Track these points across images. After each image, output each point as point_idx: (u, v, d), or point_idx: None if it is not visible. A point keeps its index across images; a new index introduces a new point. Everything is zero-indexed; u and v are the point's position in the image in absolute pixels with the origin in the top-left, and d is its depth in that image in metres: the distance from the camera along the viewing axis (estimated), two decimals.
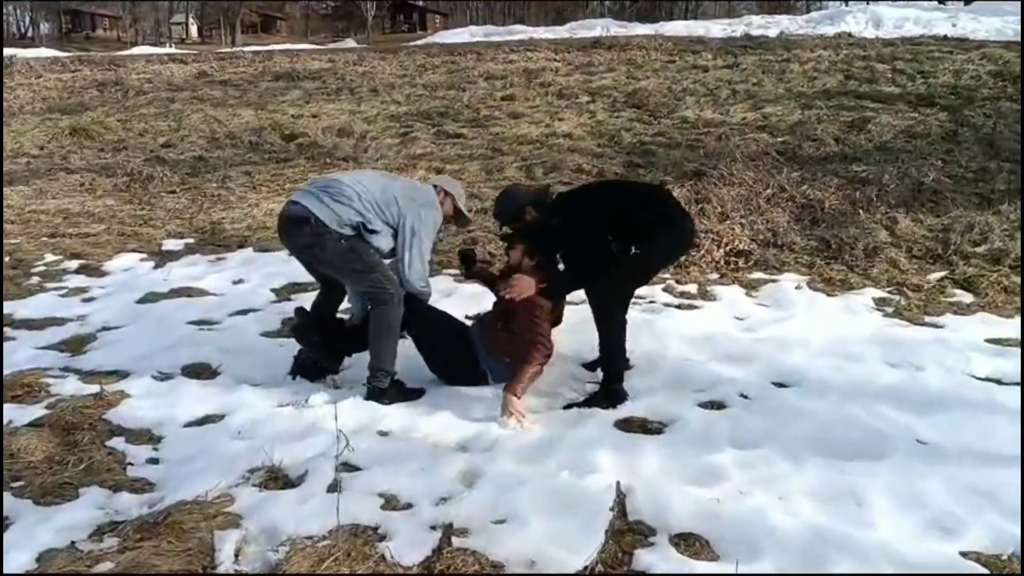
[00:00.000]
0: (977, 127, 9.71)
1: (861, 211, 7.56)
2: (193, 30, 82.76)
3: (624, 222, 4.45)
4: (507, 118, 11.66)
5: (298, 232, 4.42)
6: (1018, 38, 13.17)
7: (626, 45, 16.20)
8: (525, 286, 4.46)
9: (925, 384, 4.63)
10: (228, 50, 20.57)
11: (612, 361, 4.52)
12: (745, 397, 4.47)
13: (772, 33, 17.51)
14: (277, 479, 3.64)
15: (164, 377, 4.84)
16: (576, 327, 4.96)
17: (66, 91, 15.25)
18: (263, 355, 5.14)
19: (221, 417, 4.32)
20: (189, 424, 4.27)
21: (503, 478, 3.56)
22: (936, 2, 29.32)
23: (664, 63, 14.25)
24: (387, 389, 4.47)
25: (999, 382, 4.64)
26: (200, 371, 4.94)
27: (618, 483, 3.50)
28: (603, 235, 4.42)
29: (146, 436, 4.12)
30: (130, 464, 3.84)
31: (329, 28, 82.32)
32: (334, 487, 3.52)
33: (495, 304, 4.82)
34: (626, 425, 4.20)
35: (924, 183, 8.15)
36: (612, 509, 3.32)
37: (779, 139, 9.73)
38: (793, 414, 4.22)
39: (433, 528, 3.21)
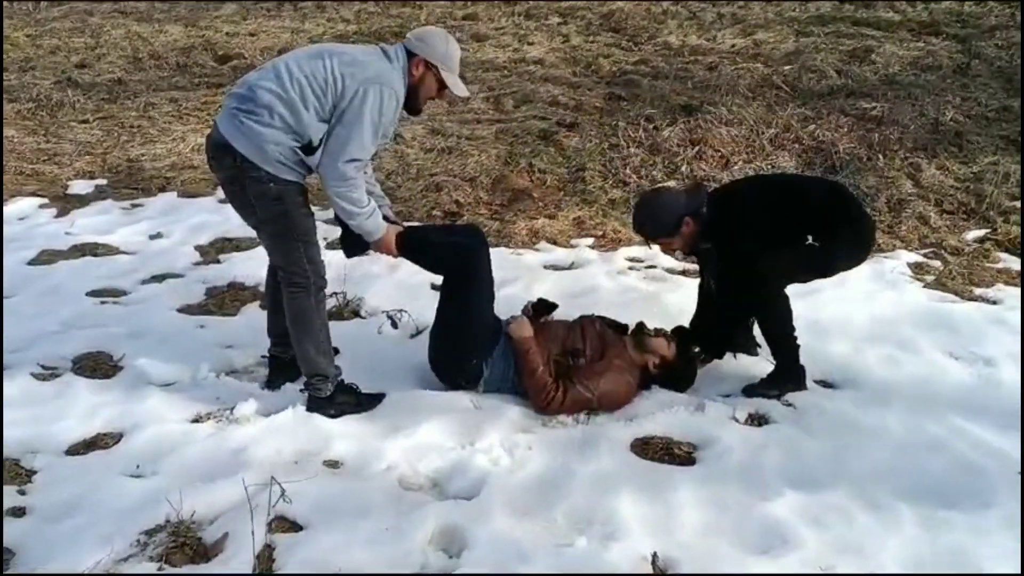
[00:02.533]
0: (990, 60, 8.80)
1: (879, 156, 6.64)
2: None
3: (796, 229, 3.62)
4: (470, 40, 10.44)
5: (221, 164, 3.23)
6: None
7: None
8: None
9: (1001, 386, 3.78)
10: None
11: (785, 340, 3.71)
12: (790, 406, 3.56)
13: None
14: (184, 546, 2.65)
15: (48, 374, 3.77)
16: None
17: None
18: (179, 340, 4.07)
19: (116, 438, 3.29)
20: (72, 449, 3.23)
21: (496, 545, 2.62)
22: None
23: None
24: (331, 397, 3.45)
25: None
26: (96, 364, 3.87)
27: (654, 555, 2.58)
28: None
29: (12, 470, 3.08)
30: None
31: None
32: (262, 560, 2.55)
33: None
34: (647, 449, 3.27)
35: (942, 123, 7.24)
36: None
37: (775, 69, 8.73)
38: (856, 433, 3.33)
39: None
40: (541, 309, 3.87)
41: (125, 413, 3.43)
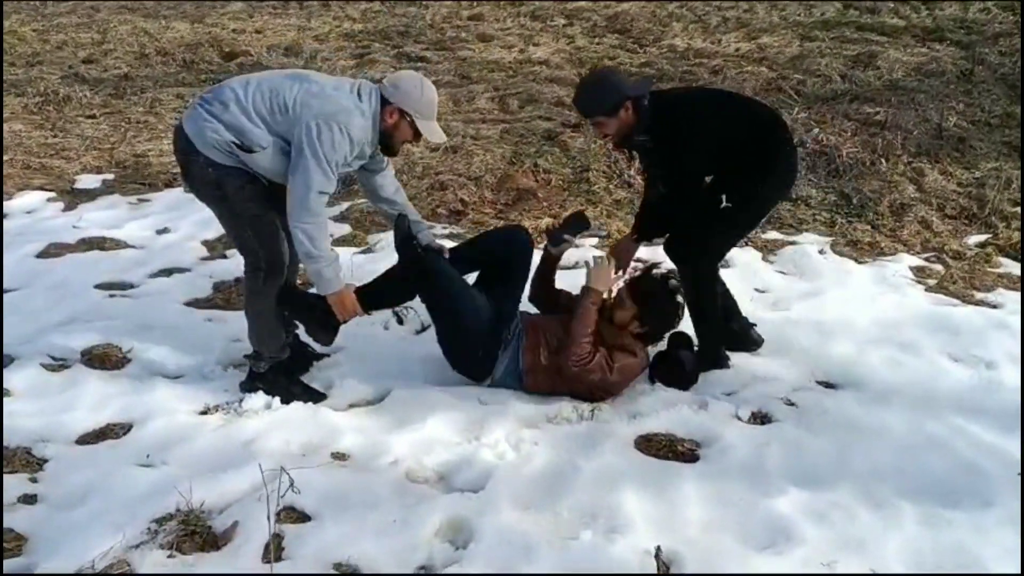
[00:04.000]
0: (994, 67, 8.82)
1: (882, 160, 6.66)
2: None
3: (734, 153, 3.62)
4: (476, 40, 10.48)
5: (176, 148, 3.35)
6: None
7: None
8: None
9: (1002, 388, 3.80)
10: None
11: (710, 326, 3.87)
12: (792, 404, 3.59)
13: None
14: (194, 535, 2.69)
15: (58, 365, 3.81)
16: None
17: None
18: (186, 333, 4.11)
19: (126, 428, 3.33)
20: (83, 439, 3.27)
21: (503, 537, 2.65)
22: None
23: None
24: (264, 375, 3.56)
25: None
26: (105, 356, 3.90)
27: (658, 549, 2.61)
28: (704, 173, 3.68)
29: (23, 459, 3.12)
30: None
31: None
32: (272, 549, 2.58)
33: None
34: (650, 445, 3.31)
35: (945, 128, 7.27)
36: None
37: (779, 73, 8.76)
38: (858, 432, 3.36)
39: None
40: (580, 225, 4.00)
41: (134, 404, 3.47)
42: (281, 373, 3.58)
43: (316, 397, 3.57)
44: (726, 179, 3.69)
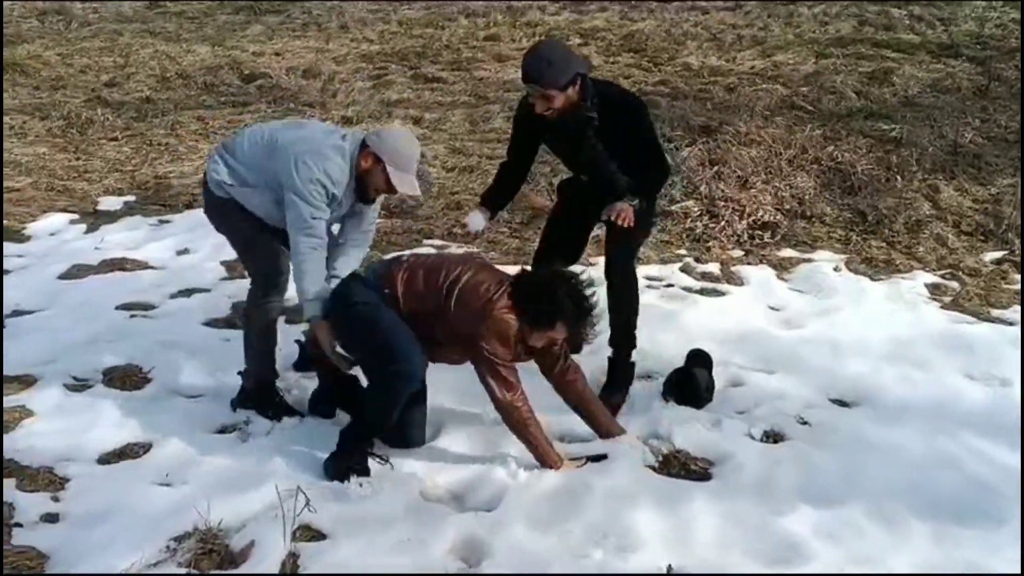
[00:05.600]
0: (1010, 82, 8.81)
1: (897, 177, 6.66)
2: None
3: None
4: (492, 60, 10.56)
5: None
6: None
7: None
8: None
9: (1017, 406, 3.78)
10: None
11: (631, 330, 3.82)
12: (805, 423, 3.60)
13: None
14: (212, 552, 2.74)
15: (80, 386, 3.88)
16: None
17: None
18: (206, 353, 4.17)
19: (146, 448, 3.38)
20: (104, 459, 3.33)
21: (516, 556, 2.68)
22: None
23: (660, 2, 13.14)
24: (251, 394, 3.69)
25: None
26: (126, 376, 3.98)
27: (670, 568, 2.63)
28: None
29: (46, 478, 3.18)
30: (18, 525, 2.89)
31: None
32: (288, 565, 2.63)
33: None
34: (662, 464, 3.33)
35: (961, 145, 7.26)
36: None
37: (794, 91, 8.78)
38: (870, 450, 3.37)
39: None
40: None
41: (153, 425, 3.52)
42: (261, 392, 3.67)
43: (294, 414, 3.64)
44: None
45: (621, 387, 3.82)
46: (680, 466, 3.31)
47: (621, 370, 3.85)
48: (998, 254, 5.69)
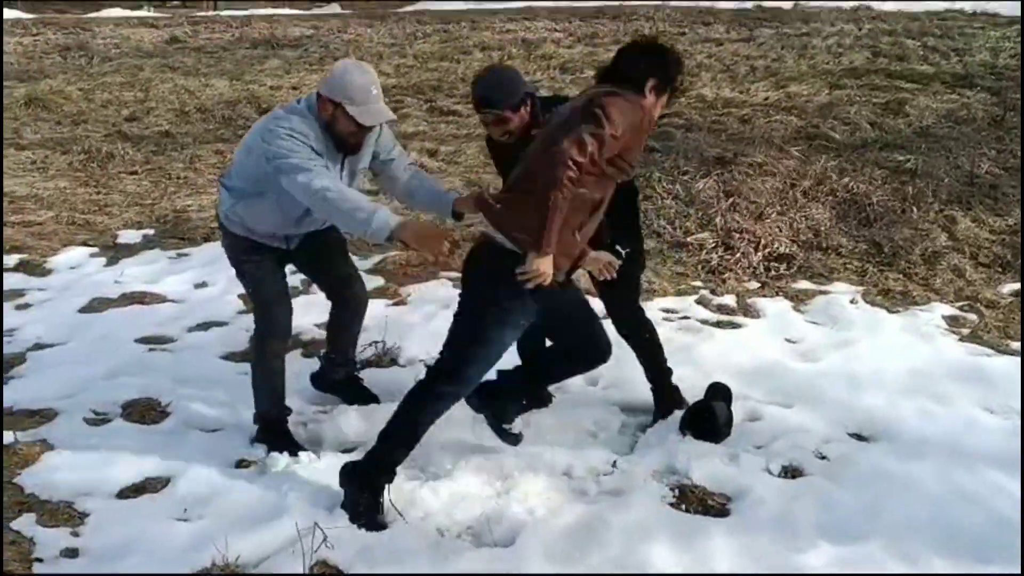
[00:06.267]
0: None
1: (913, 208, 6.66)
2: None
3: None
4: None
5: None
6: None
7: (632, 15, 15.11)
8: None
9: None
10: (204, 14, 19.31)
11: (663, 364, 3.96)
12: (824, 458, 3.58)
13: (786, 5, 16.43)
14: None
15: (99, 419, 3.91)
16: None
17: (25, 57, 14.02)
18: (223, 387, 4.19)
19: (164, 482, 3.40)
20: (123, 493, 3.34)
21: None
22: None
23: (674, 35, 13.22)
24: (261, 430, 3.73)
25: None
26: (145, 410, 4.01)
27: None
28: None
29: (65, 513, 3.20)
30: (39, 560, 2.91)
31: None
32: None
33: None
34: (679, 500, 3.31)
35: (977, 175, 7.26)
36: None
37: (808, 121, 8.81)
38: (891, 485, 3.34)
39: None
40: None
41: (172, 459, 3.54)
42: (269, 430, 3.69)
43: (296, 448, 3.62)
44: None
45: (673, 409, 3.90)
46: (698, 502, 3.30)
47: (668, 394, 3.95)
48: (1016, 286, 5.66)
